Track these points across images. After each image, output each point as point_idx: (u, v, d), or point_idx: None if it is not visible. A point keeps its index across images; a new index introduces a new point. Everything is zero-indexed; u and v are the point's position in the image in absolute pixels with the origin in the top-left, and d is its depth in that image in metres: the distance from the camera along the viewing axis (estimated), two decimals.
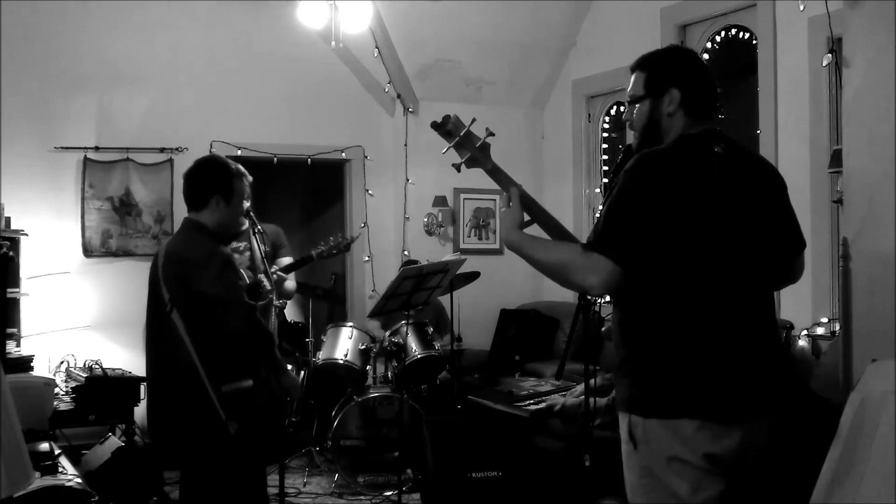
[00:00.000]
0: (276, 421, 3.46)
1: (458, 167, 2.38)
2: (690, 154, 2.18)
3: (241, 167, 3.38)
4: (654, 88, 2.27)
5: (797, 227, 2.35)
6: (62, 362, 5.16)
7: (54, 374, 5.03)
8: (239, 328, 3.10)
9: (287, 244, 4.85)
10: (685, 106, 2.24)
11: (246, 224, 3.40)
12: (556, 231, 2.36)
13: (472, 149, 2.33)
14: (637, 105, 2.31)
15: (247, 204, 3.36)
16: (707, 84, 2.29)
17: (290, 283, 4.59)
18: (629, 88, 2.34)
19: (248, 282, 3.44)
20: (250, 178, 3.40)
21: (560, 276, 2.19)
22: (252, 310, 3.16)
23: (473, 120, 2.36)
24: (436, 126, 2.35)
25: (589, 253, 2.09)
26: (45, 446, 3.38)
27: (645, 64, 2.31)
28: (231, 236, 3.45)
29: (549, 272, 2.22)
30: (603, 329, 2.51)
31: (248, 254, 4.16)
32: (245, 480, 3.22)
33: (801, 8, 4.40)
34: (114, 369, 4.87)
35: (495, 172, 2.35)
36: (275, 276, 3.84)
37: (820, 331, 4.42)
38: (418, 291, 4.65)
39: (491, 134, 2.36)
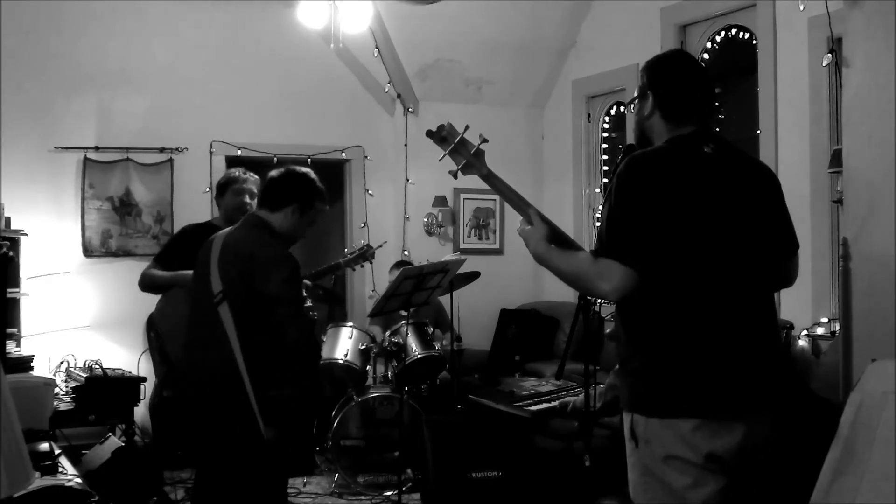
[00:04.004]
0: (306, 430, 3.40)
1: (454, 174, 2.44)
2: (678, 154, 2.21)
3: (323, 190, 3.29)
4: (641, 92, 2.36)
5: (791, 228, 2.35)
6: (62, 362, 5.15)
7: (54, 374, 5.02)
8: (300, 340, 3.03)
9: None
10: (660, 110, 2.30)
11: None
12: (569, 245, 2.40)
13: (467, 155, 2.39)
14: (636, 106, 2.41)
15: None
16: (683, 89, 2.30)
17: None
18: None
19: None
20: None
21: (578, 286, 2.29)
22: (312, 324, 3.12)
23: (467, 127, 2.41)
24: (431, 134, 2.41)
25: (598, 259, 2.13)
26: (45, 446, 3.36)
27: (644, 69, 2.39)
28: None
29: (569, 282, 2.29)
30: (607, 332, 2.53)
31: None
32: (270, 488, 3.15)
33: (801, 8, 4.40)
34: (114, 369, 4.87)
35: (490, 178, 2.39)
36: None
37: (820, 331, 4.42)
38: (418, 291, 4.65)
39: (485, 140, 2.41)
